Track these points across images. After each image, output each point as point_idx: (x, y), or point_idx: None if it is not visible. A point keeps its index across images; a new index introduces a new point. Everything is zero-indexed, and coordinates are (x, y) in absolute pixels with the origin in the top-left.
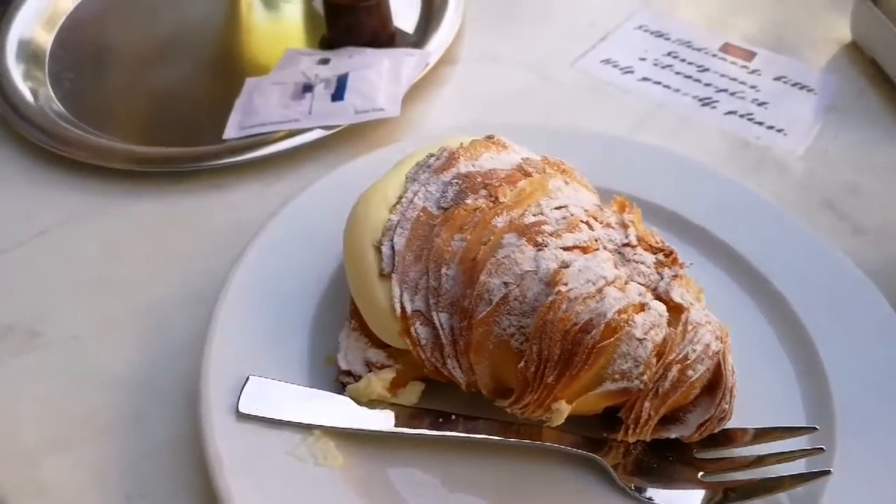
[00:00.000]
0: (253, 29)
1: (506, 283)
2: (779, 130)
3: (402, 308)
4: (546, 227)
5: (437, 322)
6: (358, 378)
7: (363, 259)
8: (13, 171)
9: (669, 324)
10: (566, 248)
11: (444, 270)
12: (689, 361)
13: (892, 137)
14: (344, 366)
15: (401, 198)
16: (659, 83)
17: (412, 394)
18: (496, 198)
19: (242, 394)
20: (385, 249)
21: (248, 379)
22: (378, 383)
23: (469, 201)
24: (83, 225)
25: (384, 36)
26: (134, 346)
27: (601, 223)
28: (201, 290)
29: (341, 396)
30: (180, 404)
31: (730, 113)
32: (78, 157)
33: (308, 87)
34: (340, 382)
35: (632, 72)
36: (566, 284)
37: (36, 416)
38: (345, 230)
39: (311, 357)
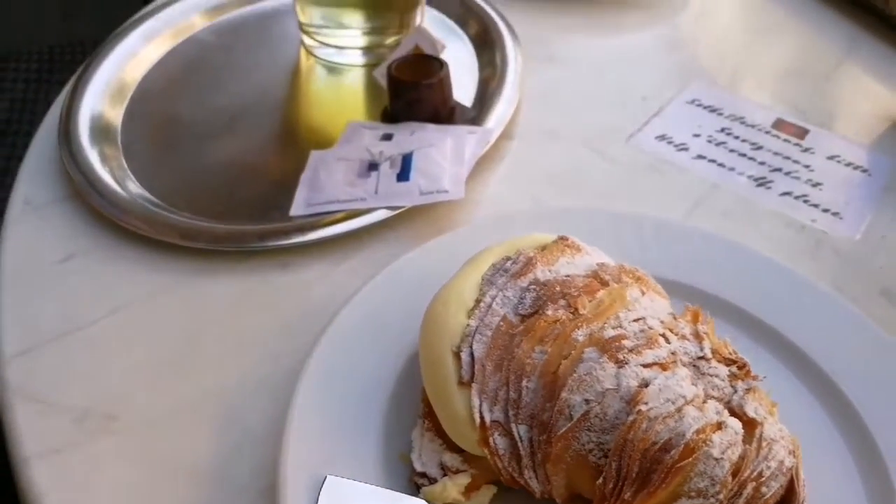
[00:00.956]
0: (314, 99)
1: (587, 401)
2: (834, 213)
3: (482, 418)
4: (626, 343)
5: (515, 434)
6: (433, 480)
7: (442, 365)
8: (87, 246)
9: (744, 440)
10: (646, 366)
11: (524, 383)
12: (763, 479)
13: None
14: (419, 468)
15: (478, 301)
16: (714, 161)
17: (484, 497)
18: (576, 309)
19: (321, 496)
20: (464, 356)
21: (325, 479)
22: (454, 488)
23: (549, 312)
24: (153, 304)
25: (445, 111)
26: (209, 433)
27: (676, 335)
28: (272, 375)
29: (416, 499)
30: (257, 498)
31: (785, 194)
32: (152, 235)
33: (374, 166)
34: (415, 483)
35: (686, 149)
36: (646, 404)
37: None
38: (422, 332)
39: (384, 453)
